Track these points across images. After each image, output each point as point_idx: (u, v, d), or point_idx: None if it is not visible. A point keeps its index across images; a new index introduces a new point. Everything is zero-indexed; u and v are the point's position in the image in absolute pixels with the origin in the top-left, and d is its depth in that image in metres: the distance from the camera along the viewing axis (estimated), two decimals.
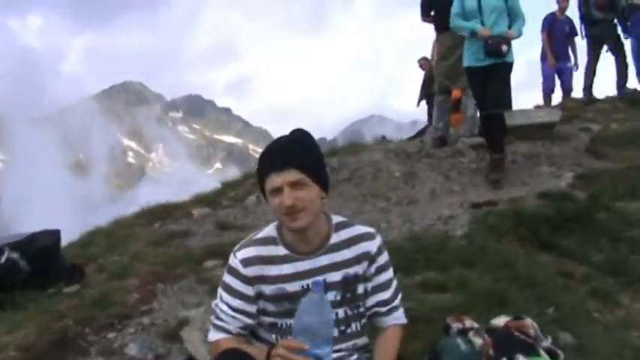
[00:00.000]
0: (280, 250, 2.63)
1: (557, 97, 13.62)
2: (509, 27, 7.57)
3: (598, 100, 12.29)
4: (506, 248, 5.66)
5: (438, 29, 9.44)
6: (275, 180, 2.47)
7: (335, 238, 2.66)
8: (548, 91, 13.52)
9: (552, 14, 13.42)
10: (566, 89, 13.47)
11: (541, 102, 13.28)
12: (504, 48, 7.32)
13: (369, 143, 10.81)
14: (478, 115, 9.18)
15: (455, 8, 7.76)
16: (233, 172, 6.46)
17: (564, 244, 5.86)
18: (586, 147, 8.69)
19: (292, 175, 2.46)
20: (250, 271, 2.61)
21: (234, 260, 2.65)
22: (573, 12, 12.75)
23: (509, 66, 7.56)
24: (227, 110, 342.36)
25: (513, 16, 7.56)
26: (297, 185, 2.46)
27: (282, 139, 2.60)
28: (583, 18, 12.04)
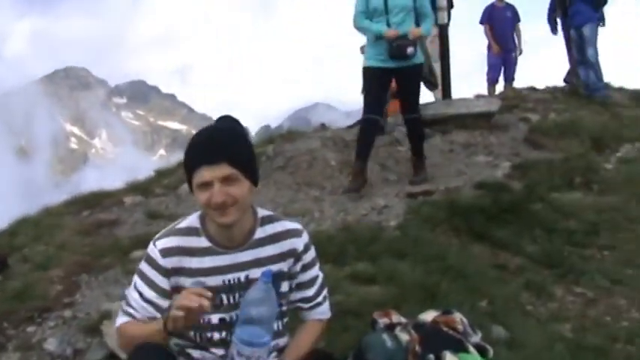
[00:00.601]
0: (202, 242, 2.53)
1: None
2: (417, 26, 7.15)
3: (538, 89, 12.38)
4: (440, 239, 5.63)
5: None
6: (204, 174, 2.36)
7: (260, 233, 2.58)
8: (492, 81, 13.61)
9: (491, 4, 13.55)
10: (508, 78, 13.58)
11: (483, 91, 13.33)
12: (409, 50, 6.90)
13: (307, 131, 10.68)
14: None
15: (359, 5, 7.16)
16: (178, 159, 6.33)
17: (499, 235, 5.86)
18: (524, 137, 8.74)
19: (224, 169, 2.36)
20: (169, 262, 2.50)
21: (153, 249, 2.54)
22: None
23: (419, 68, 7.28)
24: (172, 96, 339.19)
25: (422, 15, 7.13)
26: (229, 180, 2.37)
27: (211, 129, 2.49)
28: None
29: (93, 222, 6.88)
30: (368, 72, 7.27)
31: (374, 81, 7.23)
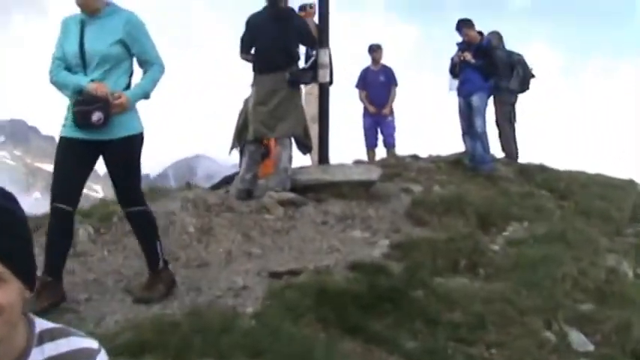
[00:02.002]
0: None
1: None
2: (129, 83, 5.44)
3: (420, 158, 12.12)
4: (304, 332, 4.90)
5: (257, 70, 8.72)
6: None
7: (37, 355, 1.86)
8: (370, 146, 13.46)
9: (366, 68, 13.63)
10: (388, 144, 13.39)
11: (364, 157, 13.00)
12: (96, 117, 5.09)
13: (171, 189, 9.89)
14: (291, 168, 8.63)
15: (56, 51, 5.42)
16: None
17: (374, 328, 5.22)
18: (405, 211, 8.25)
19: None
20: None
21: None
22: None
23: (128, 142, 5.36)
24: (51, 138, 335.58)
25: (145, 65, 5.47)
26: None
27: None
28: None
29: None
30: (60, 144, 5.45)
31: (64, 156, 5.37)
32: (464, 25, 11.26)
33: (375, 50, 13.46)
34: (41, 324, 1.92)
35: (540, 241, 7.45)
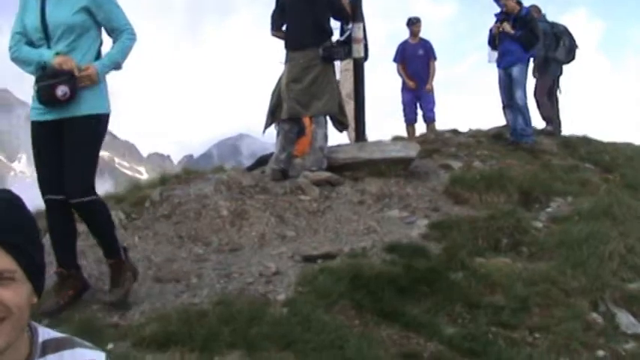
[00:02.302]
0: None
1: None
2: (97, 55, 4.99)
3: (460, 133, 11.86)
4: (338, 320, 4.72)
5: (289, 47, 8.52)
6: None
7: None
8: (410, 121, 13.19)
9: (404, 41, 13.29)
10: (428, 118, 13.11)
11: (403, 133, 12.83)
12: (61, 91, 4.63)
13: (205, 171, 9.78)
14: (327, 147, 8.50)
15: (15, 26, 4.95)
16: (98, 185, 5.16)
17: (412, 313, 5.05)
18: (445, 188, 7.98)
19: None
20: None
21: None
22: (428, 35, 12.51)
23: (86, 121, 4.82)
24: None
25: (114, 33, 5.00)
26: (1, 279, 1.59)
27: None
28: None
29: None
30: (32, 130, 5.01)
31: (39, 144, 4.94)
32: None
33: (414, 23, 13.11)
34: (45, 333, 1.81)
35: (585, 217, 7.15)
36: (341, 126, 8.90)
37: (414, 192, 7.90)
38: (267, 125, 9.18)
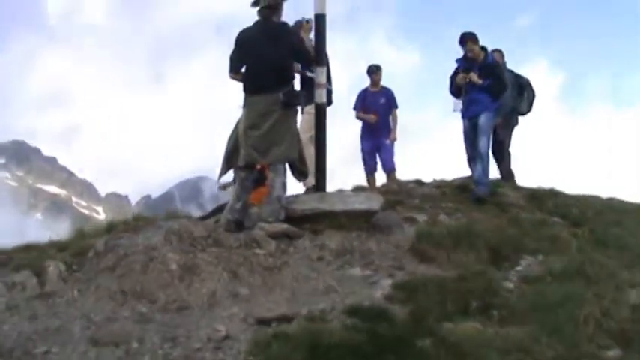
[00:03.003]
0: None
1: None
2: None
3: (424, 183, 11.54)
4: None
5: (247, 91, 8.16)
6: None
7: None
8: (370, 170, 12.88)
9: (365, 89, 13.00)
10: (388, 169, 12.78)
11: (363, 182, 12.55)
12: None
13: (156, 218, 9.33)
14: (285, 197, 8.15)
15: None
16: (54, 223, 4.84)
17: None
18: (410, 245, 7.52)
19: None
20: None
21: None
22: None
23: None
24: (53, 159, 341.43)
25: None
26: None
27: None
28: None
29: None
30: None
31: None
32: (469, 38, 10.61)
33: (374, 72, 12.87)
34: None
35: (558, 277, 6.77)
36: (300, 175, 8.50)
37: (376, 248, 7.47)
38: (223, 172, 8.74)
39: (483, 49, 10.72)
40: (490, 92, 10.41)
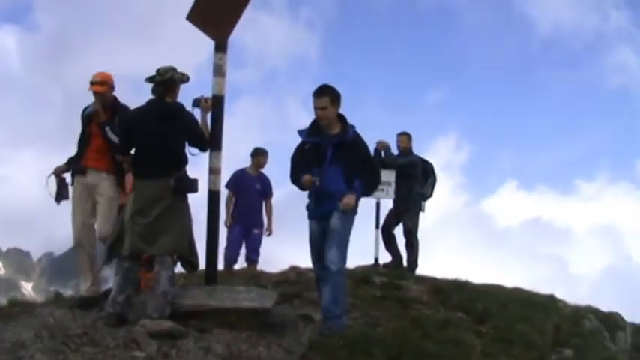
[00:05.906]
0: None
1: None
2: None
3: None
4: None
5: (136, 174, 7.81)
6: None
7: None
8: (230, 260, 12.22)
9: (242, 170, 12.44)
10: (252, 259, 12.38)
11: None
12: None
13: (37, 305, 8.72)
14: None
15: None
16: None
17: None
18: (302, 353, 7.01)
19: None
20: None
21: None
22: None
23: None
24: None
25: None
26: None
27: None
28: None
29: None
30: None
31: None
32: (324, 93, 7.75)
33: (260, 154, 12.46)
34: None
35: None
36: (190, 267, 8.01)
37: (266, 353, 6.92)
38: (106, 262, 8.17)
39: (341, 117, 7.85)
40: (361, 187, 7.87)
